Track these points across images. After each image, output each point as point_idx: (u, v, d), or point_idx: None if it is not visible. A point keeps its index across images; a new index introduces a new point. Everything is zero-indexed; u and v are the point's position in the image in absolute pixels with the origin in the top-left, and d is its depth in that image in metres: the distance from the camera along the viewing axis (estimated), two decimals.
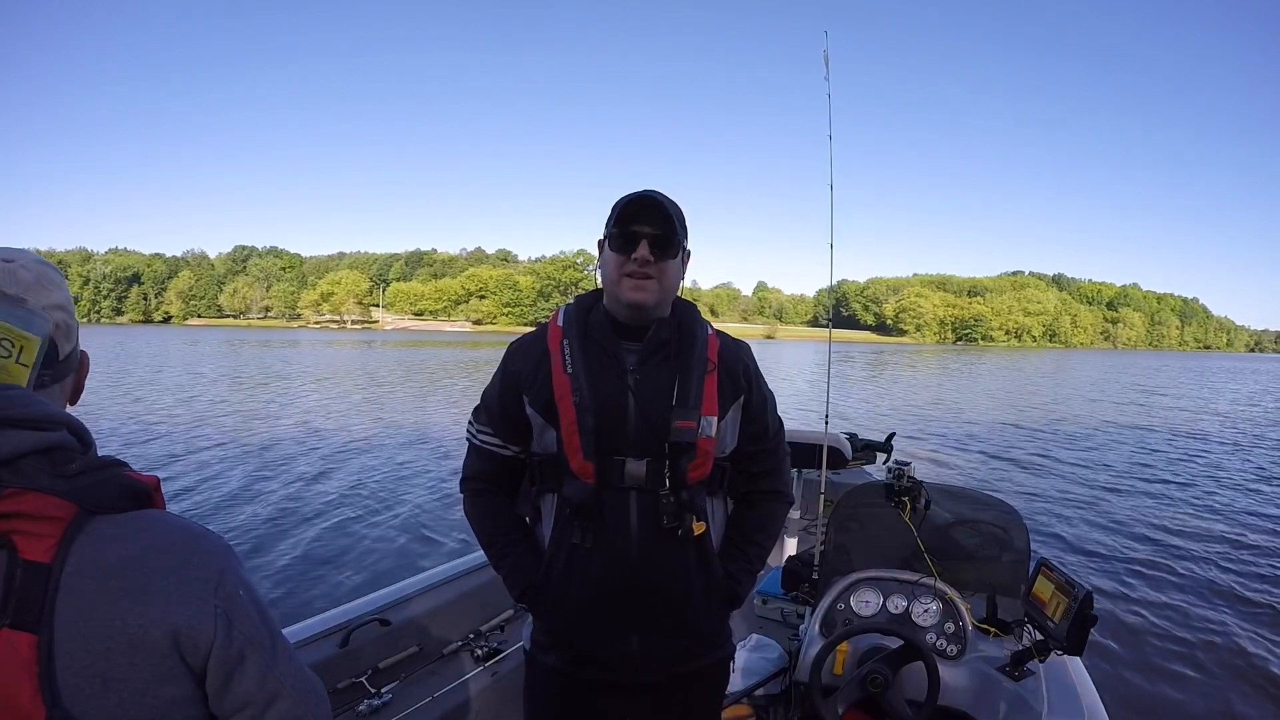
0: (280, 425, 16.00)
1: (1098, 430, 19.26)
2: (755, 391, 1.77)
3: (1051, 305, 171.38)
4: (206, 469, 11.27)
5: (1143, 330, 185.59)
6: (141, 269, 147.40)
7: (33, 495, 0.81)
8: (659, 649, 1.70)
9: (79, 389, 1.05)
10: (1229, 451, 16.14)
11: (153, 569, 0.86)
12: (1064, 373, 51.41)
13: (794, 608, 3.39)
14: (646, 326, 1.69)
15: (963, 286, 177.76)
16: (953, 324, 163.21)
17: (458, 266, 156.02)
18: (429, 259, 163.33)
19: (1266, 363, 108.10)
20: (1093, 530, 8.94)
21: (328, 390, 24.72)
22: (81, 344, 1.04)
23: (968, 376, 42.23)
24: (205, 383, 25.96)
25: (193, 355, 41.77)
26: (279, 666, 0.96)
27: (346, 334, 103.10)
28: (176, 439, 13.88)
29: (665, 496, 1.63)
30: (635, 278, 1.62)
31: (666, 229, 1.62)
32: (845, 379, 34.32)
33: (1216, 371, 64.42)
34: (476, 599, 3.21)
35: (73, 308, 1.00)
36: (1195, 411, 25.61)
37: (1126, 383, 40.92)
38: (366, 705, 2.55)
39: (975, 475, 12.40)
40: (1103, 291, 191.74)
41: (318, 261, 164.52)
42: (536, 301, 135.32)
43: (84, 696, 0.80)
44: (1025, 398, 29.16)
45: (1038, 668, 2.17)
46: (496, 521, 1.80)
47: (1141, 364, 75.62)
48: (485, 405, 1.80)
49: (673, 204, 1.66)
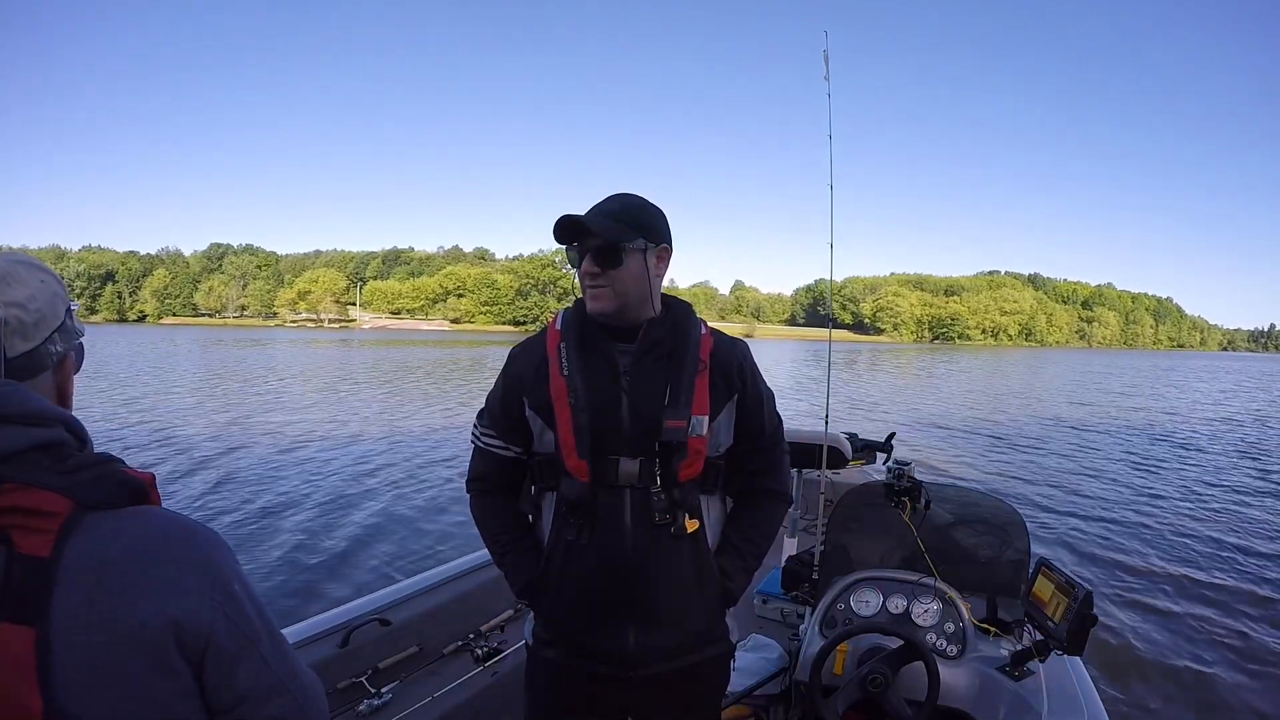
0: (278, 425, 15.91)
1: (1097, 430, 19.42)
2: (750, 390, 1.78)
3: (1027, 304, 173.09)
4: (204, 469, 11.22)
5: (1117, 329, 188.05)
6: (116, 267, 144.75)
7: (30, 491, 0.82)
8: (655, 643, 1.72)
9: (62, 391, 1.04)
10: (1229, 451, 16.27)
11: (149, 563, 0.86)
12: (1047, 371, 51.85)
13: (794, 608, 3.40)
14: (638, 328, 1.72)
15: (939, 286, 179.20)
16: (930, 323, 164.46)
17: (435, 265, 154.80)
18: (406, 257, 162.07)
19: (1240, 361, 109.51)
20: (1093, 530, 9.00)
21: (323, 390, 24.61)
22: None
23: (952, 375, 42.51)
24: (194, 382, 25.73)
25: (174, 355, 41.12)
26: (276, 661, 0.96)
27: (324, 333, 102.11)
28: (173, 439, 13.78)
29: (657, 494, 1.67)
30: (592, 288, 1.67)
31: (609, 236, 1.64)
32: (817, 380, 34.38)
33: (1199, 371, 65.19)
34: (476, 599, 3.21)
35: (47, 306, 0.99)
36: (1189, 412, 25.82)
37: (1123, 383, 41.18)
38: (366, 705, 2.56)
39: (975, 475, 12.46)
40: (1078, 291, 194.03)
41: (294, 260, 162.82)
42: (515, 300, 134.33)
43: (81, 691, 0.80)
44: (1024, 398, 29.39)
45: (1038, 668, 2.18)
46: (500, 520, 1.86)
47: (1121, 363, 76.30)
48: (488, 408, 1.84)
49: (612, 212, 1.68)
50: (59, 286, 1.02)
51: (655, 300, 1.75)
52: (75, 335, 1.06)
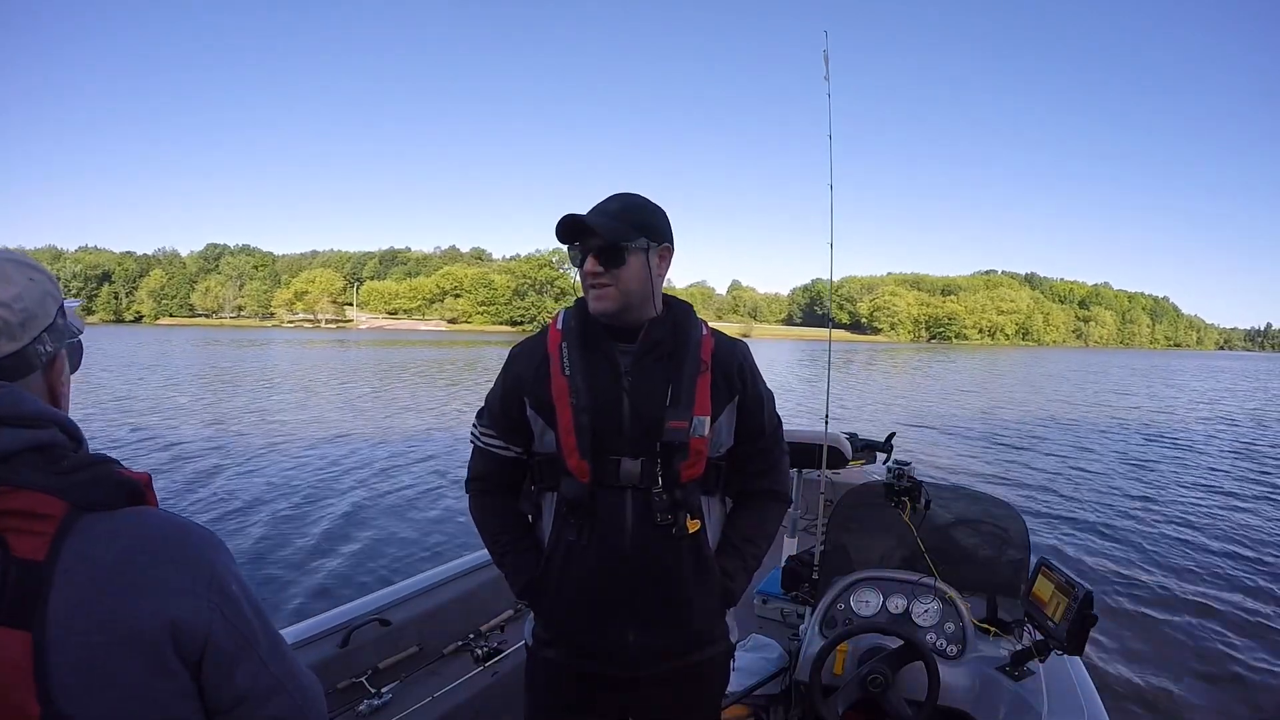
0: (277, 426, 15.89)
1: (1097, 430, 19.42)
2: (750, 390, 1.78)
3: (1024, 304, 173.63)
4: (203, 469, 11.20)
5: (1114, 328, 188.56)
6: (112, 267, 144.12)
7: (25, 493, 0.81)
8: (655, 643, 1.72)
9: (54, 392, 1.02)
10: (1228, 452, 16.26)
11: (146, 565, 0.86)
12: (1044, 371, 51.84)
13: (794, 608, 3.39)
14: (639, 328, 1.71)
15: (936, 285, 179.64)
16: (927, 322, 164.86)
17: (432, 265, 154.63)
18: (403, 257, 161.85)
19: (1238, 361, 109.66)
20: (1093, 530, 8.99)
21: (320, 390, 24.58)
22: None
23: (948, 375, 42.51)
24: (196, 383, 25.68)
25: (177, 356, 41.05)
26: (274, 662, 0.96)
27: (321, 333, 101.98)
28: (171, 439, 13.73)
29: (659, 494, 1.66)
30: (594, 288, 1.67)
31: (610, 237, 1.64)
32: (807, 380, 34.40)
33: (1196, 371, 65.13)
34: (476, 599, 3.21)
35: (35, 305, 0.97)
36: (1187, 412, 25.81)
37: (1117, 382, 41.22)
38: (366, 705, 2.56)
39: (976, 475, 12.45)
40: (1075, 290, 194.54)
41: (290, 260, 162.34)
42: (512, 300, 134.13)
43: (79, 693, 0.80)
44: (1023, 398, 29.40)
45: (1038, 668, 2.17)
46: (500, 521, 1.85)
47: (1118, 362, 76.40)
48: (488, 408, 1.84)
49: (614, 211, 1.68)
50: (51, 285, 1.01)
51: (657, 300, 1.74)
52: (68, 335, 1.04)
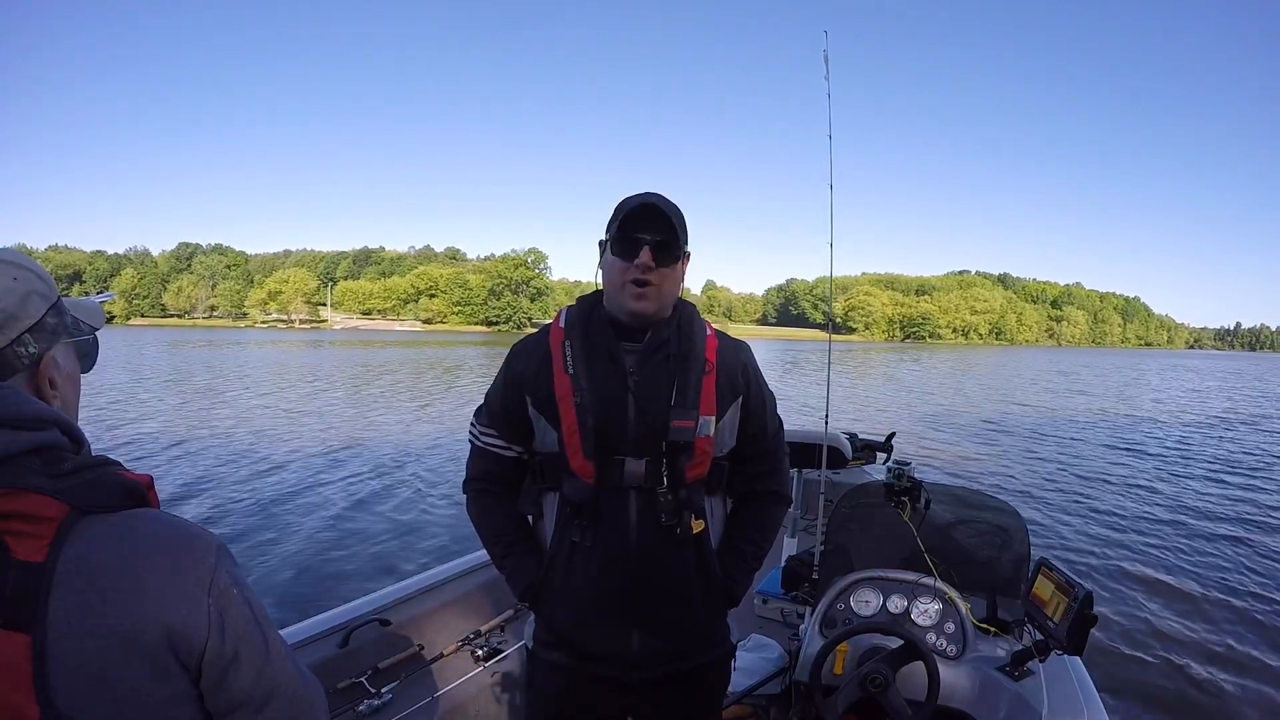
0: (276, 426, 15.78)
1: (1097, 430, 19.53)
2: (754, 391, 1.79)
3: (997, 304, 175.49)
4: (202, 470, 11.11)
5: (1086, 328, 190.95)
6: (83, 267, 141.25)
7: (25, 495, 0.81)
8: (658, 646, 1.72)
9: (40, 395, 0.99)
10: (1228, 451, 16.38)
11: (145, 567, 0.86)
12: (1017, 369, 52.23)
13: (794, 608, 3.41)
14: (646, 327, 1.70)
15: (910, 285, 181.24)
16: (901, 322, 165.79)
17: (406, 265, 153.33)
18: (377, 257, 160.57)
19: (1208, 360, 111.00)
20: (1093, 530, 9.02)
21: (317, 391, 24.42)
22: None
23: (920, 374, 42.75)
24: (187, 384, 25.39)
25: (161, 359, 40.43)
26: (274, 664, 0.96)
27: (295, 334, 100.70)
28: (170, 440, 13.60)
29: (664, 495, 1.65)
30: (638, 285, 1.63)
31: (668, 235, 1.64)
32: (802, 379, 34.50)
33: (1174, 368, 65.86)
34: (476, 599, 3.20)
35: (16, 305, 0.94)
36: (1186, 411, 26.08)
37: (1118, 384, 41.42)
38: (366, 705, 2.54)
39: (975, 475, 12.48)
40: (1047, 290, 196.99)
41: (264, 259, 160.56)
42: (487, 300, 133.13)
43: (78, 696, 0.80)
44: (1019, 397, 29.57)
45: (1038, 668, 2.18)
46: (499, 522, 1.82)
47: (1091, 361, 77.03)
48: (488, 406, 1.81)
49: (674, 209, 1.67)
50: (39, 284, 0.98)
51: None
52: (64, 334, 1.02)
